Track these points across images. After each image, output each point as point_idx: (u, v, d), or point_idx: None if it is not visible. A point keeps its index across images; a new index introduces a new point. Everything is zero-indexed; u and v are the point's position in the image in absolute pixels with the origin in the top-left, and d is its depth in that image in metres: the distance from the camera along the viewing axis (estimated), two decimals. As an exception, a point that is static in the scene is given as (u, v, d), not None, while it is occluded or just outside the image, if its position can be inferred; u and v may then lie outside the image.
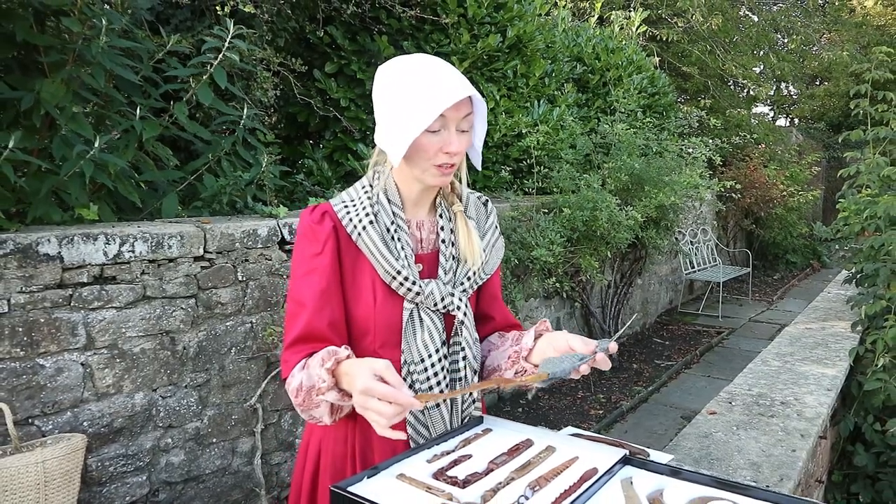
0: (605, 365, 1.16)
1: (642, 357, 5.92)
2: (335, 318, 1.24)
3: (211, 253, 2.67)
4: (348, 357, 1.12)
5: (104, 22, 2.58)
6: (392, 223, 1.28)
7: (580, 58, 6.43)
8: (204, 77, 3.03)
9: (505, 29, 4.79)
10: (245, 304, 2.80)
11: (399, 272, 1.25)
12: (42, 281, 2.22)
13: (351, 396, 1.08)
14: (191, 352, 2.63)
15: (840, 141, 3.47)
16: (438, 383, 1.29)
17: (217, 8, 3.99)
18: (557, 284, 4.60)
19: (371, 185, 1.30)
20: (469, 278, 1.34)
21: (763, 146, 10.16)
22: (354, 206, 1.28)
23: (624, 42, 7.10)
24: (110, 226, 2.51)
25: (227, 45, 3.06)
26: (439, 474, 1.11)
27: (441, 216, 1.35)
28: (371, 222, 1.26)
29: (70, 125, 2.57)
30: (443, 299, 1.29)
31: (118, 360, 2.42)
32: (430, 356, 1.28)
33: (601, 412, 4.61)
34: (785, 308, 8.07)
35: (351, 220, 1.26)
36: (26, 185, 2.42)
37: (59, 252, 2.25)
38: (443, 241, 1.34)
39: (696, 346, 6.31)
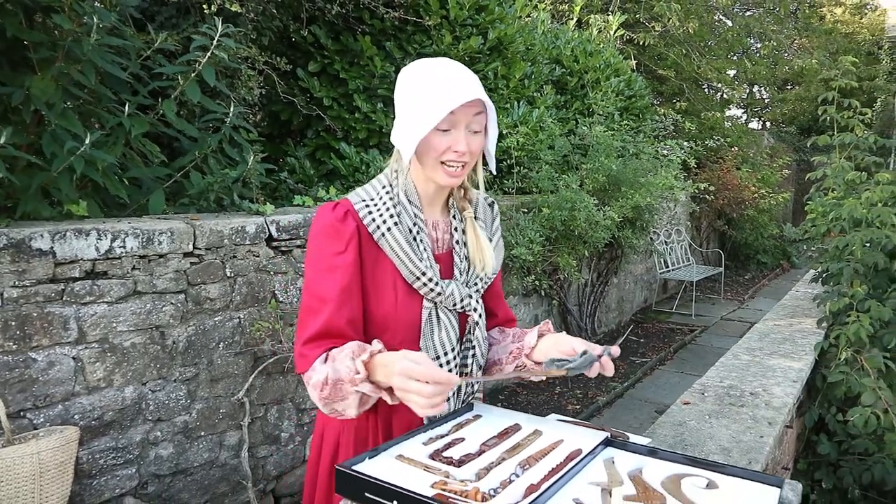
0: (609, 370, 1.23)
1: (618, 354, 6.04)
2: (355, 316, 1.27)
3: (200, 249, 2.72)
4: (380, 351, 1.17)
5: (95, 20, 2.62)
6: (414, 224, 1.32)
7: (559, 60, 6.55)
8: (192, 75, 3.07)
9: (486, 31, 4.88)
10: (233, 300, 2.85)
11: (424, 273, 1.30)
12: (35, 275, 2.25)
13: (383, 389, 1.14)
14: (180, 346, 2.67)
15: (808, 145, 3.62)
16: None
17: (203, 6, 4.01)
18: (536, 282, 4.70)
19: (391, 185, 1.33)
20: (480, 279, 1.40)
21: (736, 149, 10.39)
22: (377, 206, 1.30)
23: (602, 45, 7.23)
24: (101, 221, 2.55)
25: (215, 43, 3.10)
26: (436, 455, 1.19)
27: (454, 217, 1.40)
28: (396, 224, 1.29)
29: (60, 121, 2.60)
30: (462, 300, 1.35)
31: (109, 354, 2.46)
32: (445, 354, 1.34)
33: (578, 407, 4.72)
34: (756, 307, 8.29)
35: (374, 220, 1.29)
36: (16, 181, 2.45)
37: (52, 247, 2.28)
38: (457, 242, 1.39)
39: (670, 343, 6.46)
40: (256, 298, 2.93)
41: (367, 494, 1.04)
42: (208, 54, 3.10)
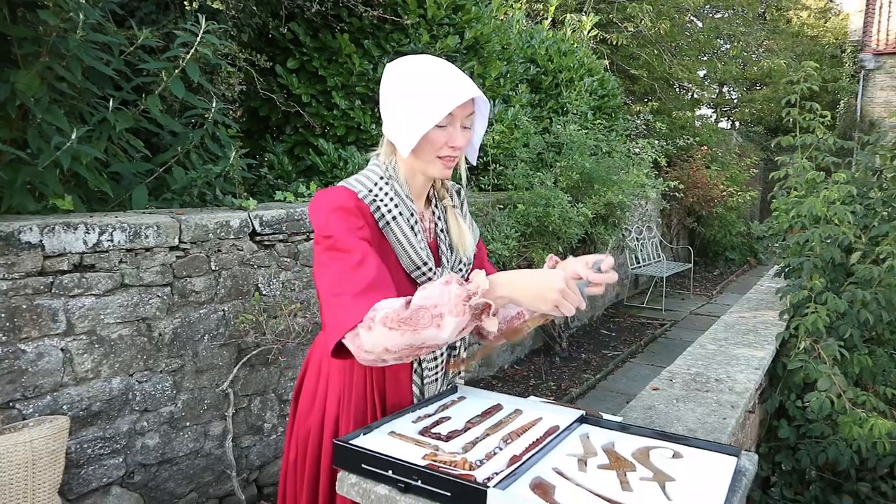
0: (612, 278, 1.31)
1: (590, 347, 6.21)
2: (389, 278, 1.28)
3: (185, 243, 2.77)
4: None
5: (80, 16, 2.65)
6: (412, 215, 1.38)
7: (534, 59, 6.67)
8: (176, 71, 3.11)
9: (463, 30, 4.98)
10: (218, 293, 2.91)
11: (425, 263, 1.37)
12: (24, 268, 2.29)
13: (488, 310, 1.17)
14: (166, 338, 2.73)
15: (773, 145, 3.78)
16: (442, 360, 1.46)
17: (185, 2, 4.04)
18: (512, 277, 4.81)
19: (387, 176, 1.38)
20: (463, 265, 1.49)
21: (706, 148, 10.64)
22: (380, 197, 1.35)
23: (576, 45, 7.37)
24: (89, 216, 2.59)
25: (199, 39, 3.15)
26: (425, 431, 1.29)
27: (436, 206, 1.48)
28: (401, 213, 1.36)
29: (46, 116, 2.63)
30: None
31: (97, 346, 2.50)
32: None
33: (552, 398, 4.85)
34: (724, 302, 8.52)
35: (379, 208, 1.34)
36: (2, 175, 2.48)
37: (41, 240, 2.32)
38: (441, 231, 1.47)
39: (641, 337, 6.64)
40: (240, 291, 3.00)
41: (364, 466, 1.13)
42: (192, 50, 3.15)
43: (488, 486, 1.03)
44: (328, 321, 1.23)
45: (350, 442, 1.19)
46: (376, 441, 1.23)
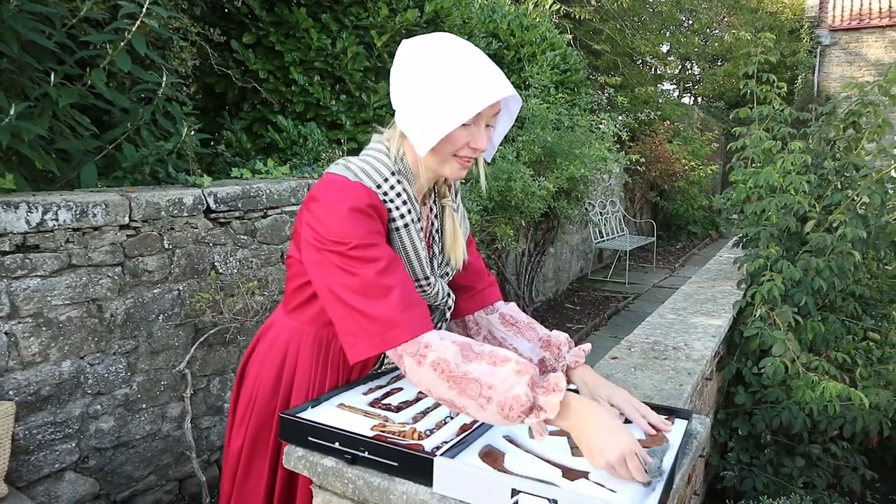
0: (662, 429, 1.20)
1: (555, 321, 6.26)
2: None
3: (136, 221, 2.69)
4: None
5: (16, -15, 2.53)
6: (418, 220, 1.26)
7: (496, 34, 6.61)
8: (122, 44, 2.99)
9: (423, 4, 4.89)
10: (172, 272, 2.84)
11: (426, 278, 1.28)
12: (-38, 249, 2.20)
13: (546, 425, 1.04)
14: (118, 319, 2.65)
15: (731, 118, 3.81)
16: None
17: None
18: (475, 252, 4.80)
19: (398, 172, 1.24)
20: (450, 268, 1.39)
21: (668, 123, 10.74)
22: (392, 198, 1.21)
23: (538, 19, 7.33)
24: (31, 194, 2.49)
25: (145, 10, 3.03)
26: (375, 403, 1.27)
27: (435, 203, 1.36)
28: (413, 220, 1.23)
29: (-18, 91, 2.52)
30: (443, 298, 1.35)
31: (44, 329, 2.42)
32: None
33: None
34: (686, 275, 8.65)
35: (391, 210, 1.21)
36: (-63, 153, 2.37)
37: (-21, 220, 2.22)
38: (437, 231, 1.35)
39: (605, 310, 6.71)
40: (196, 270, 2.93)
41: (310, 438, 1.11)
42: (138, 22, 3.03)
43: (435, 455, 1.01)
44: (356, 335, 1.11)
45: (297, 415, 1.16)
46: (324, 413, 1.20)
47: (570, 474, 1.03)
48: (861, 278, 3.21)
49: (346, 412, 1.22)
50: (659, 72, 13.75)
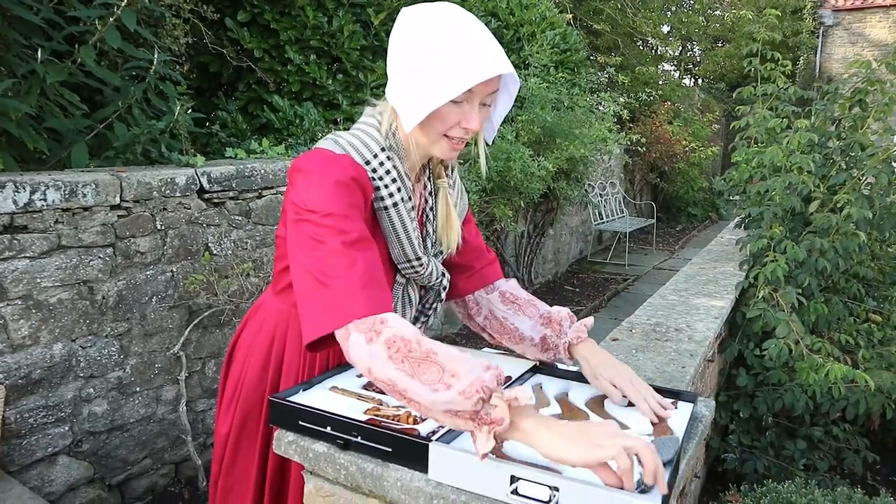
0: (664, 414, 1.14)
1: (554, 303, 6.20)
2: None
3: (128, 201, 2.63)
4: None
5: (0, -42, 2.45)
6: (409, 199, 1.19)
7: (495, 13, 6.50)
8: (111, 19, 2.92)
9: (421, -19, 4.80)
10: (165, 253, 2.79)
11: (418, 258, 1.22)
12: (-52, 229, 2.15)
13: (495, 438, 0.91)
14: (110, 301, 2.61)
15: (734, 97, 3.74)
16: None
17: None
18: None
19: (388, 148, 1.17)
20: (443, 251, 1.33)
21: (668, 104, 10.64)
22: (381, 175, 1.15)
23: (537, -2, 7.21)
24: (19, 174, 2.44)
25: (135, -14, 2.95)
26: (369, 385, 1.22)
27: (429, 179, 1.30)
28: (402, 199, 1.17)
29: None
30: (437, 278, 1.30)
31: (34, 311, 2.38)
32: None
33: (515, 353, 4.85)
34: (686, 257, 8.61)
35: (379, 188, 1.15)
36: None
37: (-35, 200, 2.17)
38: (431, 209, 1.29)
39: (604, 292, 6.68)
40: (189, 251, 2.88)
41: (301, 423, 1.07)
42: (127, -2, 2.95)
43: (431, 440, 0.97)
44: (310, 310, 1.02)
45: (287, 398, 1.11)
46: (316, 397, 1.16)
47: (572, 460, 0.99)
48: (863, 259, 3.16)
49: (338, 395, 1.18)
50: (659, 52, 13.61)
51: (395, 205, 1.16)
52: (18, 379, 2.35)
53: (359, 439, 1.01)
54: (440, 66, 1.05)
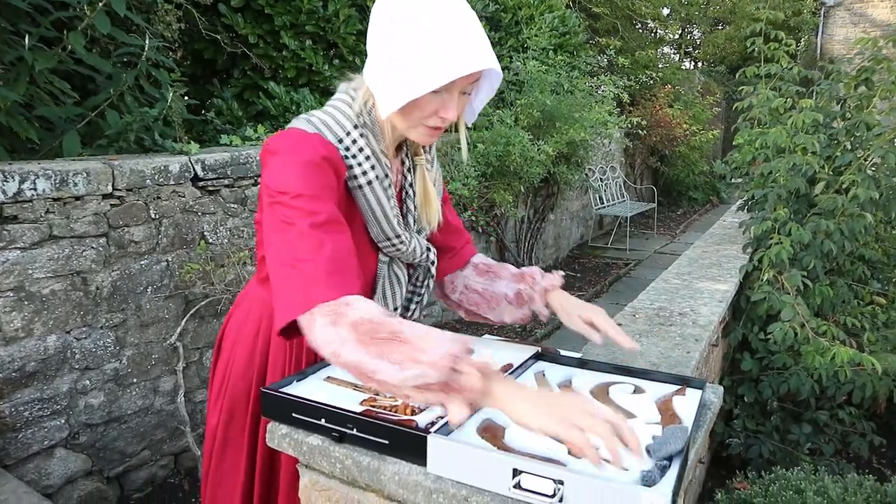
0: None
1: (556, 289, 6.18)
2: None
3: (120, 190, 2.59)
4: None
5: (-16, -59, 2.39)
6: (386, 176, 1.17)
7: (492, -5, 6.42)
8: (101, 4, 2.86)
9: (417, -37, 4.72)
10: (160, 243, 2.74)
11: (398, 236, 1.20)
12: (-65, 220, 2.10)
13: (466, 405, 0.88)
14: (104, 292, 2.57)
15: (736, 77, 3.68)
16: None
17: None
18: (473, 218, 4.71)
19: (361, 125, 1.14)
20: (426, 225, 1.32)
21: (669, 87, 10.53)
22: (354, 154, 1.13)
23: (536, -20, 7.11)
24: (7, 163, 2.39)
25: (123, -30, 2.88)
26: (365, 376, 1.18)
27: (407, 156, 1.28)
28: (377, 177, 1.14)
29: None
30: (421, 254, 1.28)
31: (26, 303, 2.33)
32: (396, 309, 1.29)
33: (516, 340, 4.82)
34: (687, 241, 8.56)
35: (352, 167, 1.12)
36: None
37: (-47, 190, 2.12)
38: (410, 185, 1.27)
39: (606, 277, 6.63)
40: (184, 240, 2.83)
41: (294, 415, 1.03)
42: (117, -18, 2.89)
43: (429, 432, 0.93)
44: (280, 294, 1.00)
45: (279, 390, 1.07)
46: (310, 388, 1.12)
47: (576, 450, 0.95)
48: (868, 241, 3.12)
49: (333, 385, 1.14)
50: (659, 35, 13.48)
51: (369, 183, 1.14)
52: (12, 372, 2.31)
53: (354, 431, 0.97)
54: (422, 56, 1.02)
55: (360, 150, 1.13)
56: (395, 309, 1.29)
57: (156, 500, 2.78)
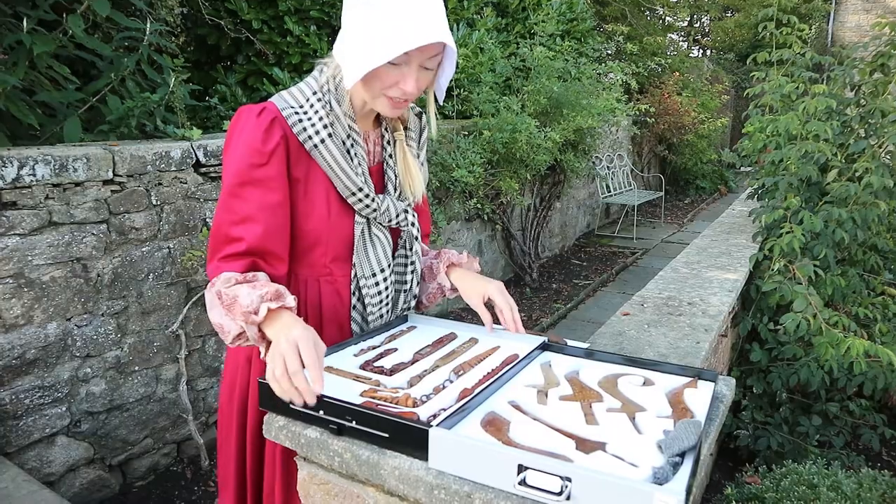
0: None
1: (561, 277, 6.14)
2: (284, 234, 1.19)
3: (121, 176, 2.55)
4: (291, 308, 1.06)
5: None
6: (349, 136, 1.22)
7: (499, -20, 6.33)
8: (100, -13, 2.81)
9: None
10: (161, 229, 2.71)
11: (361, 189, 1.22)
12: (-67, 206, 2.07)
13: (263, 340, 1.05)
14: (105, 279, 2.54)
15: (747, 62, 3.61)
16: (387, 296, 1.33)
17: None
18: (478, 206, 4.66)
19: (322, 92, 1.21)
20: (409, 195, 1.36)
21: (677, 74, 10.41)
22: (307, 114, 1.19)
23: (543, -35, 7.00)
24: (6, 149, 2.35)
25: (124, -48, 2.84)
26: (366, 365, 1.15)
27: (386, 129, 1.32)
28: (330, 135, 1.19)
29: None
30: (397, 215, 1.30)
31: (26, 290, 2.31)
32: (382, 271, 1.30)
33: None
34: (695, 230, 8.48)
35: (305, 129, 1.18)
36: None
37: (-50, 175, 2.09)
38: (389, 156, 1.32)
39: (612, 266, 6.58)
40: (186, 227, 2.80)
41: (292, 406, 0.99)
42: (117, -36, 2.84)
43: (431, 425, 0.89)
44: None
45: (277, 381, 1.03)
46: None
47: (585, 445, 0.91)
48: (881, 231, 3.06)
49: (333, 376, 1.10)
50: (668, 22, 13.32)
51: (322, 141, 1.19)
52: (12, 359, 2.29)
53: (353, 424, 0.94)
54: (380, 29, 1.09)
55: (316, 112, 1.19)
56: (382, 271, 1.31)
57: (158, 489, 2.76)
